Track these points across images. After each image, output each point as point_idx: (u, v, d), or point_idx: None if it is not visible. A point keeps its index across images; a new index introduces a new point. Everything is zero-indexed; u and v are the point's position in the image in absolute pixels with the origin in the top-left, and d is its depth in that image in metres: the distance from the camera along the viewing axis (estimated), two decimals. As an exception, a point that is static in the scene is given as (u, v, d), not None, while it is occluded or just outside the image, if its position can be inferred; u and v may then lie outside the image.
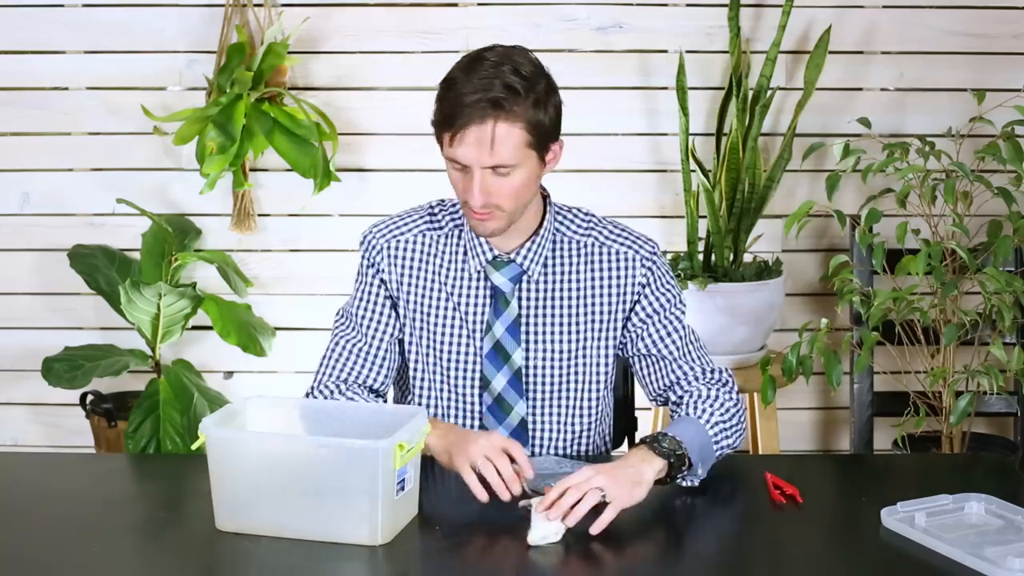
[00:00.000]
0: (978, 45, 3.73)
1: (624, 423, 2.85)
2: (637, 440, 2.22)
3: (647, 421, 3.58)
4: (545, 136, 2.27)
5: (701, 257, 3.58)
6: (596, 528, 2.03)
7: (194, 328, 3.72)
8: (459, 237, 2.40)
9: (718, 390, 2.37)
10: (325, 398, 2.39)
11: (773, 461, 2.92)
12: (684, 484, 2.25)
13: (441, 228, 2.42)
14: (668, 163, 3.77)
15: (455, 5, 3.76)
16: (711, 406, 2.33)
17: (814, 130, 3.72)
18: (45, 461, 2.74)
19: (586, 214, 2.47)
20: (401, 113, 3.77)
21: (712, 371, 2.41)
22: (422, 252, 2.40)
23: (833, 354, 3.18)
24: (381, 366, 2.42)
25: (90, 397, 3.69)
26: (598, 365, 2.43)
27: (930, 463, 2.77)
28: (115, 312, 3.58)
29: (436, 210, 2.44)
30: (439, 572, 2.00)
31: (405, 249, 2.40)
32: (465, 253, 2.39)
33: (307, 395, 2.43)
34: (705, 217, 3.56)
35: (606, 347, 2.42)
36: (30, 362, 3.67)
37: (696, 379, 2.39)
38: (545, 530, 1.99)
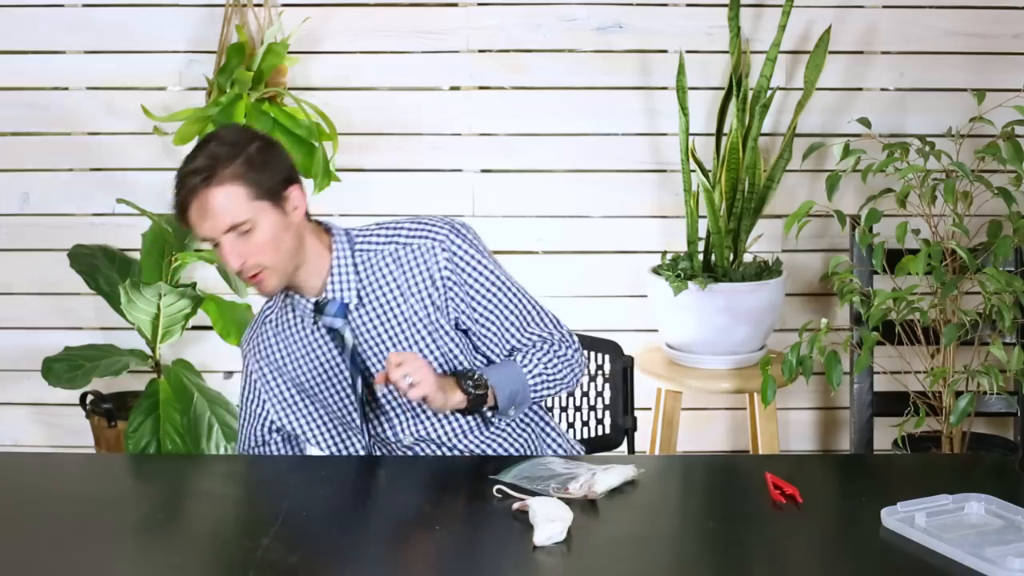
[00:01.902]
0: (978, 45, 3.73)
1: (624, 423, 2.85)
2: (455, 370, 2.42)
3: (647, 421, 3.58)
4: (272, 187, 2.35)
5: (701, 257, 3.58)
6: (413, 394, 2.25)
7: (194, 328, 3.72)
8: (291, 306, 2.50)
9: (554, 346, 2.47)
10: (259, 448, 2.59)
11: (773, 461, 2.92)
12: (489, 415, 2.44)
13: (274, 307, 2.54)
14: (668, 163, 3.77)
15: (455, 5, 3.75)
16: (540, 358, 2.44)
17: (814, 130, 3.72)
18: (45, 461, 2.74)
19: (387, 226, 2.51)
20: (401, 113, 3.77)
21: (547, 336, 2.49)
22: (271, 338, 2.53)
23: (833, 354, 3.18)
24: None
25: (90, 397, 3.69)
26: (449, 352, 2.45)
27: (930, 463, 2.77)
28: (115, 312, 3.58)
29: (270, 297, 2.55)
30: (441, 572, 1.99)
31: (261, 344, 2.53)
32: (300, 317, 2.49)
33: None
34: (705, 217, 3.56)
35: (443, 340, 2.45)
36: (30, 362, 3.67)
37: (531, 344, 2.48)
38: (550, 530, 1.99)
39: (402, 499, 2.30)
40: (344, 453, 2.53)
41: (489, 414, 2.45)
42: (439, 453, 2.49)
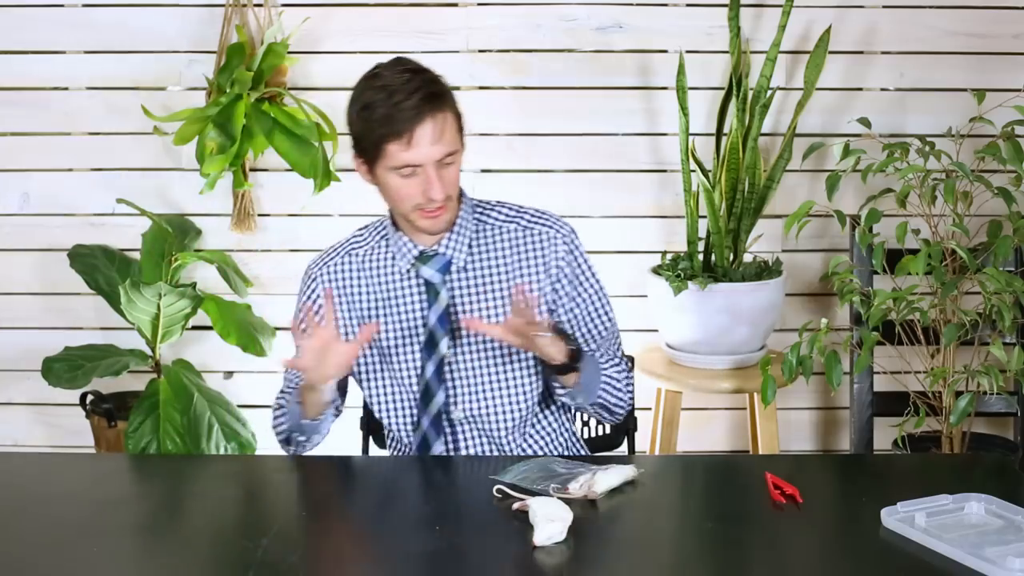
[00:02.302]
0: (978, 45, 3.73)
1: (624, 423, 2.85)
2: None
3: (647, 421, 3.58)
4: (463, 126, 2.41)
5: (701, 257, 3.58)
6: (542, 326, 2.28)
7: (194, 328, 3.72)
8: (385, 246, 2.50)
9: (619, 364, 2.53)
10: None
11: (773, 461, 2.92)
12: (560, 392, 2.43)
13: (366, 243, 2.54)
14: (668, 163, 3.77)
15: (455, 5, 3.75)
16: (613, 367, 2.50)
17: (814, 130, 3.72)
18: (45, 461, 2.74)
19: (508, 206, 2.54)
20: (401, 113, 3.76)
21: (616, 355, 2.56)
22: (352, 269, 2.52)
23: (833, 354, 3.18)
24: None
25: (90, 397, 3.69)
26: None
27: (930, 463, 2.77)
28: (115, 312, 3.58)
29: (361, 229, 2.58)
30: (441, 572, 1.99)
31: (336, 272, 2.52)
32: (393, 258, 2.48)
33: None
34: (705, 217, 3.56)
35: None
36: (30, 362, 3.67)
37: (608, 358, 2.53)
38: (549, 530, 2.00)
39: (402, 499, 2.30)
40: (387, 403, 2.51)
41: (560, 391, 2.44)
42: (475, 441, 2.49)
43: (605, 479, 2.20)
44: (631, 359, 2.78)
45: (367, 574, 1.99)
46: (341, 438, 2.80)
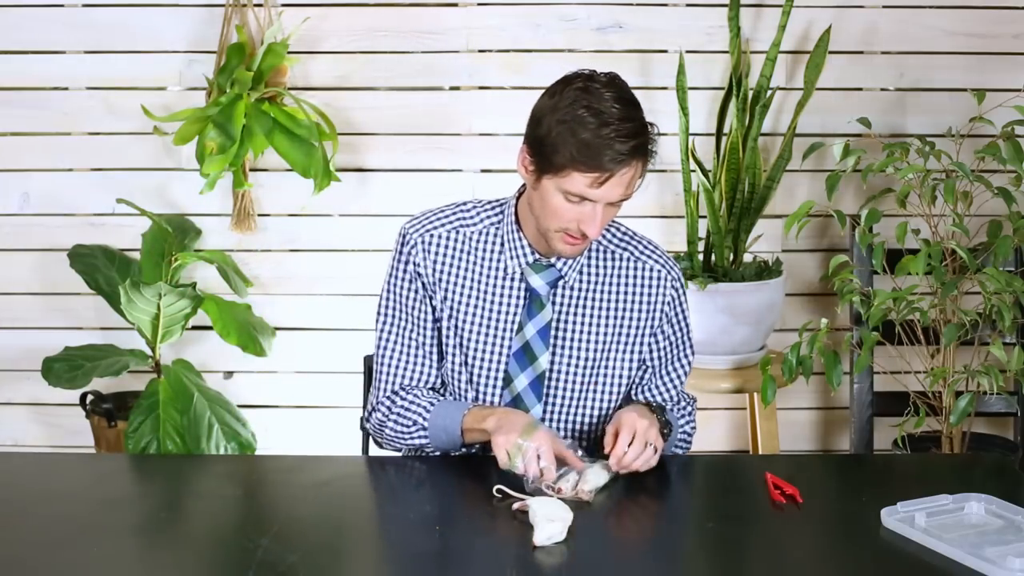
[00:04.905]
0: (978, 45, 3.73)
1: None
2: (647, 401, 2.44)
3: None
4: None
5: (701, 257, 3.58)
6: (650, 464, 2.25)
7: (194, 328, 3.72)
8: (495, 235, 2.44)
9: (690, 409, 2.54)
10: (388, 409, 2.43)
11: (773, 461, 2.92)
12: None
13: (474, 225, 2.45)
14: (668, 163, 3.77)
15: (455, 5, 3.75)
16: (687, 420, 2.53)
17: (814, 130, 3.72)
18: (45, 461, 2.74)
19: (622, 229, 2.51)
20: (401, 113, 3.77)
21: (687, 396, 2.57)
22: (454, 248, 2.43)
23: (833, 354, 3.18)
24: (435, 359, 2.45)
25: (90, 397, 3.69)
26: (621, 376, 2.47)
27: (930, 463, 2.77)
28: (115, 312, 3.58)
29: (469, 207, 2.48)
30: (441, 572, 1.99)
31: (438, 244, 2.43)
32: (501, 252, 2.42)
33: (371, 412, 2.47)
34: (705, 217, 3.56)
35: (631, 359, 2.47)
36: (30, 362, 3.67)
37: (676, 399, 2.53)
38: (549, 530, 2.00)
39: (402, 499, 2.30)
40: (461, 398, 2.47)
41: None
42: None
43: (593, 478, 2.19)
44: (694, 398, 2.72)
45: (367, 574, 1.99)
46: (341, 438, 2.80)
